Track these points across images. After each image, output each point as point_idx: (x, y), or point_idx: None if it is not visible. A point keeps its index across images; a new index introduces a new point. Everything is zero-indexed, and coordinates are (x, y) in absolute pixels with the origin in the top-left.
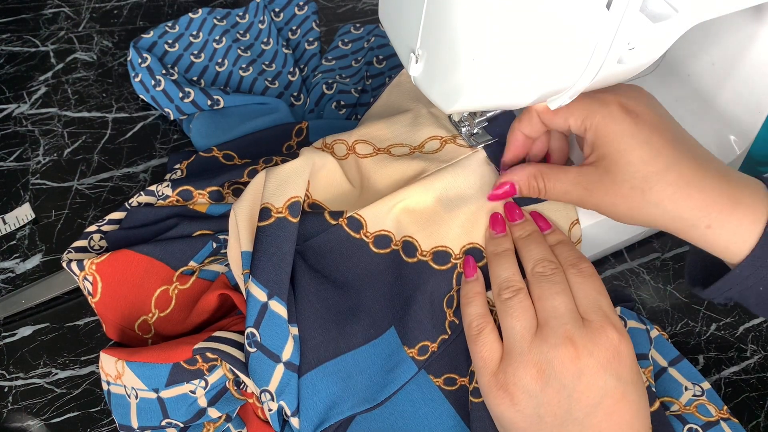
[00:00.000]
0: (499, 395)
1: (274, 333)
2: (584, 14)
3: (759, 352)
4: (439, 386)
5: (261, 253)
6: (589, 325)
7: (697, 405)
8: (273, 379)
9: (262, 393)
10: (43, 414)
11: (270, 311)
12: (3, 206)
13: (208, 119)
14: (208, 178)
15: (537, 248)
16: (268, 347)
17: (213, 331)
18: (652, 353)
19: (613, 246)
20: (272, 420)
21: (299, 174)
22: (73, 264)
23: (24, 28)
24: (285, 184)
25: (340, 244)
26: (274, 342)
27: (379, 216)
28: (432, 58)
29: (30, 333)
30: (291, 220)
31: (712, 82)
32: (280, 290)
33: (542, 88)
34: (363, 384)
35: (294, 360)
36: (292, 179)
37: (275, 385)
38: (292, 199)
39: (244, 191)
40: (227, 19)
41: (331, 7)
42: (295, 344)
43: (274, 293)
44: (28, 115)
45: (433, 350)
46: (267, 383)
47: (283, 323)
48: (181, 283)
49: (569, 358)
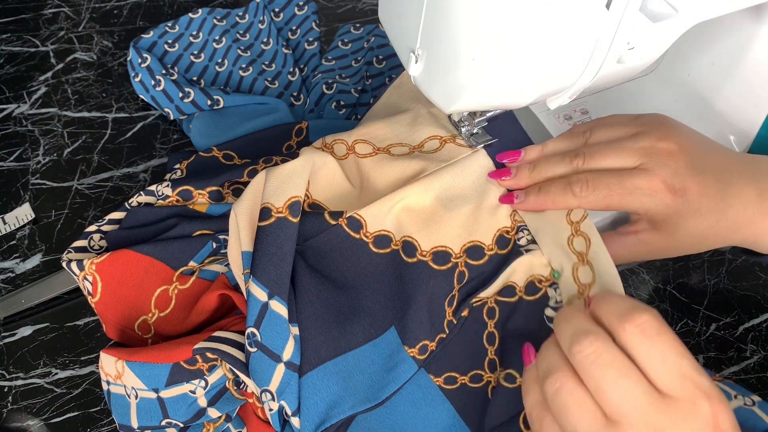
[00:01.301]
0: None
1: (274, 333)
2: (584, 14)
3: (759, 352)
4: (439, 386)
5: (261, 253)
6: (675, 403)
7: None
8: (274, 379)
9: (263, 393)
10: (43, 414)
11: (270, 311)
12: (3, 206)
13: (208, 119)
14: (208, 178)
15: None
16: (269, 347)
17: (213, 331)
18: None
19: None
20: (273, 420)
21: (299, 174)
22: (73, 264)
23: (24, 28)
24: (285, 183)
25: (340, 244)
26: (274, 342)
27: (378, 216)
28: (432, 58)
29: (30, 333)
30: (291, 220)
31: (712, 82)
32: (280, 290)
33: (542, 88)
34: (363, 383)
35: (295, 360)
36: (292, 179)
37: (276, 384)
38: (293, 199)
39: (245, 191)
40: (227, 19)
41: (331, 7)
42: (295, 344)
43: (275, 293)
44: (28, 115)
45: (432, 349)
46: (268, 383)
47: (283, 323)
48: (180, 283)
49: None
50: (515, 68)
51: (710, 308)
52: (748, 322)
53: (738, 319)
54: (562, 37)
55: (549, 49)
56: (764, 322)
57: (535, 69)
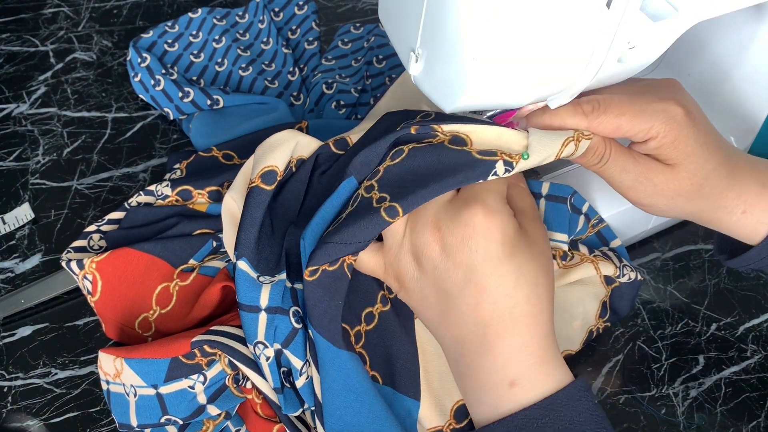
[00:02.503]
0: (395, 285)
1: (246, 288)
2: (584, 13)
3: (759, 352)
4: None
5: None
6: (455, 202)
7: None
8: (259, 329)
9: (255, 346)
10: (43, 414)
11: (238, 270)
12: (2, 206)
13: (207, 119)
14: (207, 178)
15: None
16: (246, 303)
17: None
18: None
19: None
20: (271, 371)
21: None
22: (73, 263)
23: (23, 27)
24: (261, 158)
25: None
26: (248, 296)
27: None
28: (432, 57)
29: (29, 333)
30: (264, 188)
31: (712, 82)
32: (247, 252)
33: (542, 87)
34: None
35: (273, 303)
36: (271, 151)
37: (263, 332)
38: (265, 169)
39: (237, 176)
40: (227, 19)
41: (331, 7)
42: (272, 289)
43: (242, 255)
44: (28, 114)
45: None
46: (256, 335)
47: (251, 279)
48: (181, 280)
49: (434, 239)
50: (515, 68)
51: (711, 308)
52: (748, 322)
53: (738, 319)
54: (563, 36)
55: (549, 48)
56: (765, 322)
57: (536, 68)
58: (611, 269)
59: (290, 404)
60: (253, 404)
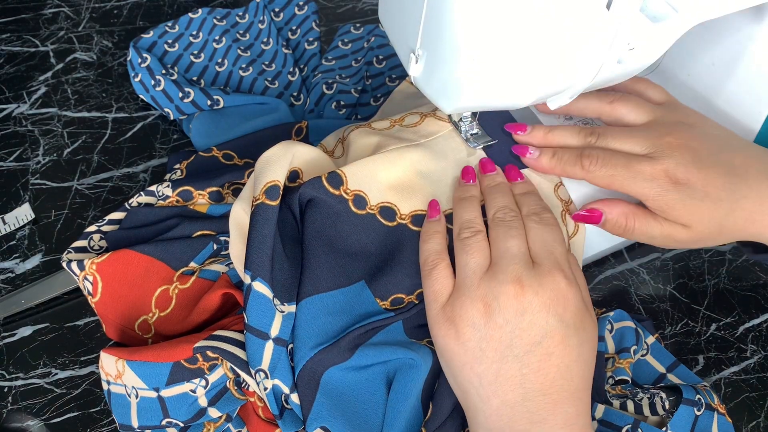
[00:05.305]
0: (445, 327)
1: (259, 312)
2: (584, 14)
3: (759, 352)
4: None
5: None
6: (539, 268)
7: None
8: (264, 357)
9: (257, 373)
10: (43, 414)
11: (254, 292)
12: (3, 206)
13: (207, 119)
14: (208, 179)
15: (500, 197)
16: (256, 327)
17: (214, 331)
18: (648, 359)
19: (614, 246)
20: (269, 401)
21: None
22: (73, 264)
23: (24, 28)
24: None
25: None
26: (260, 321)
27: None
28: (432, 58)
29: (30, 333)
30: (269, 204)
31: (712, 82)
32: (261, 271)
33: (542, 88)
34: (335, 325)
35: (283, 336)
36: (270, 166)
37: (267, 362)
38: (269, 184)
39: (245, 187)
40: (227, 19)
41: (331, 7)
42: (284, 320)
43: (257, 275)
44: (28, 115)
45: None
46: (260, 362)
47: (267, 302)
48: (181, 283)
49: (514, 295)
50: (515, 68)
51: (710, 308)
52: (748, 323)
53: (738, 319)
54: (563, 37)
55: (549, 49)
56: (764, 322)
57: (536, 69)
58: None
59: (290, 425)
60: (254, 406)
